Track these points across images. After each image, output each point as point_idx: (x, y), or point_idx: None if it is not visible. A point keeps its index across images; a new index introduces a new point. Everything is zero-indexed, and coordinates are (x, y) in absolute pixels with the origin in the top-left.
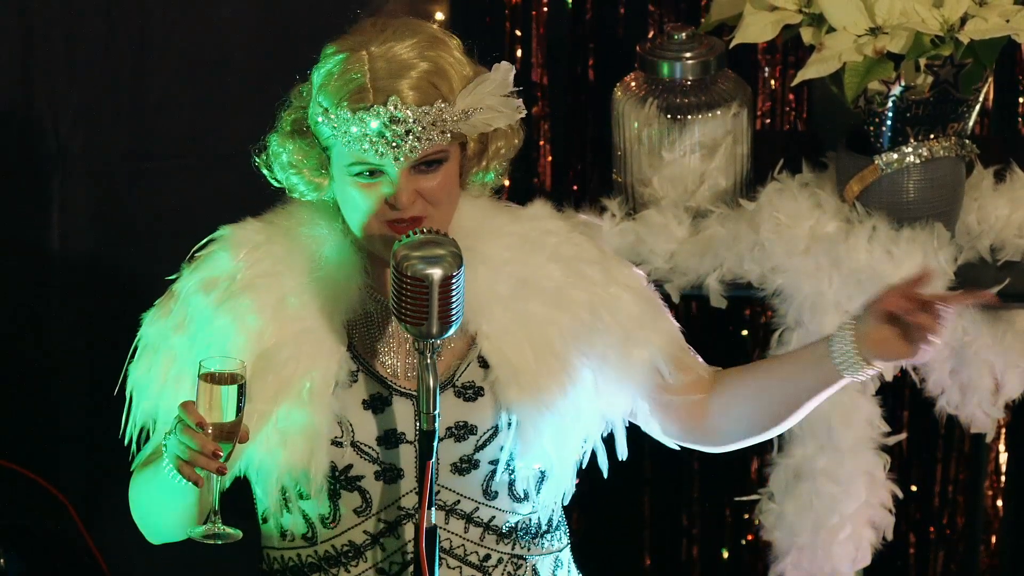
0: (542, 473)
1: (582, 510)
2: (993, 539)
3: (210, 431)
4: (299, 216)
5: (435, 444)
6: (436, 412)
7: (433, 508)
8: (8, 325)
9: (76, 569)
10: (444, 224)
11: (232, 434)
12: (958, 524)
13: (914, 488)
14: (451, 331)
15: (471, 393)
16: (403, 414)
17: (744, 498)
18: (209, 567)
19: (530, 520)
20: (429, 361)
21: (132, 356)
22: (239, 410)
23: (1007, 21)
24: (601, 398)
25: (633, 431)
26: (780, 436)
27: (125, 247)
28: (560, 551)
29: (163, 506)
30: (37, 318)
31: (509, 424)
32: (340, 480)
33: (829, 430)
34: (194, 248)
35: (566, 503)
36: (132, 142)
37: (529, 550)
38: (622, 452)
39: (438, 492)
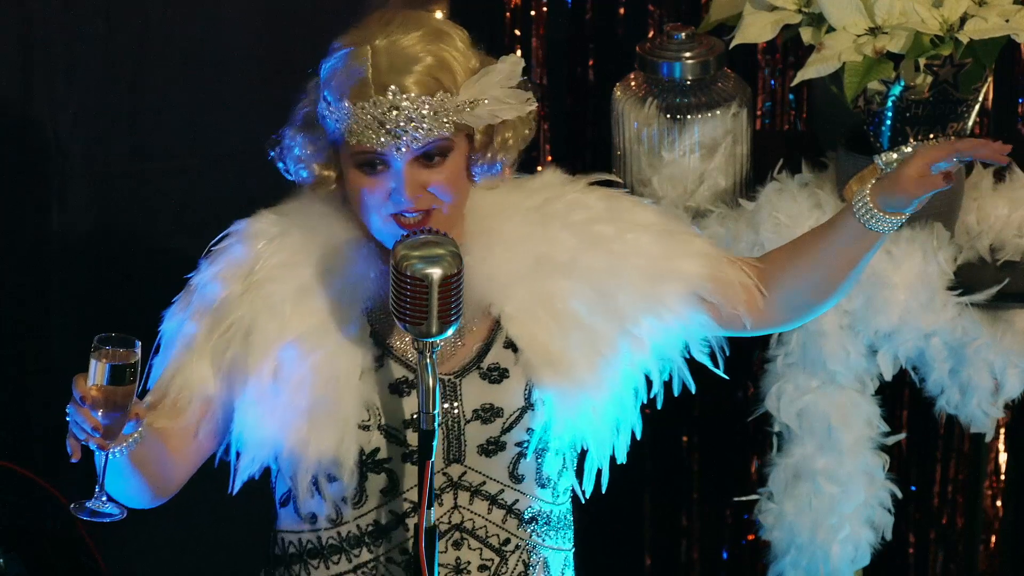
0: (573, 459)
1: (582, 510)
2: (993, 539)
3: (100, 407)
4: (314, 207)
5: (434, 444)
6: (436, 412)
7: (433, 508)
8: (8, 325)
9: (76, 569)
10: (454, 218)
11: (120, 409)
12: (957, 524)
13: (913, 488)
14: (450, 331)
15: (496, 375)
16: None
17: (744, 498)
18: (208, 565)
19: (551, 511)
20: (428, 361)
21: (155, 352)
22: (128, 386)
23: (1007, 21)
24: (655, 349)
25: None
26: (779, 436)
27: (125, 247)
28: (569, 551)
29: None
30: (37, 318)
31: (543, 403)
32: (367, 463)
33: (828, 430)
34: (211, 243)
35: (604, 488)
36: (132, 142)
37: (544, 541)
38: (691, 386)
39: (464, 473)
